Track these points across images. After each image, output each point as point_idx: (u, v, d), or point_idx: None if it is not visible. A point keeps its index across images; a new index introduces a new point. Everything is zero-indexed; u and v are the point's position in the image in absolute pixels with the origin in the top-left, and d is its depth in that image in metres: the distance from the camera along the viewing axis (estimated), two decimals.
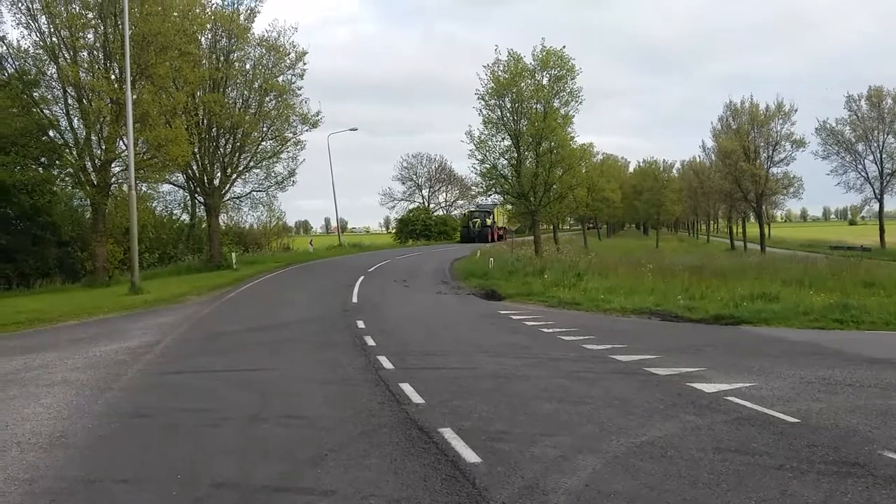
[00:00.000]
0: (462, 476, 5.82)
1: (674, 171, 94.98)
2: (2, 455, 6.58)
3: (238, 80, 35.03)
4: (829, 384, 9.07)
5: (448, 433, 6.97)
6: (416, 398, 8.45)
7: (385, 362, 10.74)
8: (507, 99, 34.42)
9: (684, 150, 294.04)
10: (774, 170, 59.99)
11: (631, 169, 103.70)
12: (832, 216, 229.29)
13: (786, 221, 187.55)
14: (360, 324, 15.09)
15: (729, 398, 8.31)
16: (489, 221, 69.42)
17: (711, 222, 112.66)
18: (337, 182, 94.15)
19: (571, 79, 34.13)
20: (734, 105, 61.45)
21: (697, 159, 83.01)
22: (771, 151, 58.70)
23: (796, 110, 57.47)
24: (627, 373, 9.99)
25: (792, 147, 57.78)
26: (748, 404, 8.00)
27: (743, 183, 58.77)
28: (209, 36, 33.94)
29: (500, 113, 34.73)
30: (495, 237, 67.67)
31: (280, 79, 35.45)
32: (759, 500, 5.22)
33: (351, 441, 6.86)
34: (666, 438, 6.79)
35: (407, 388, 8.94)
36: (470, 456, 6.29)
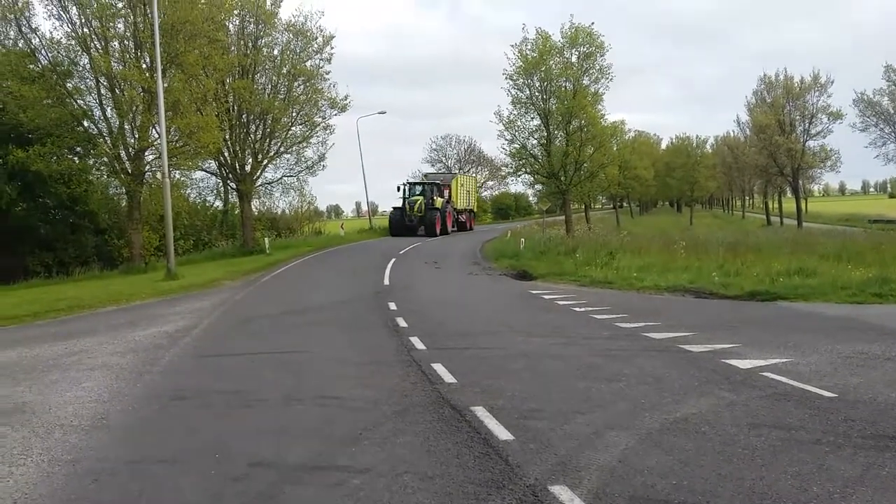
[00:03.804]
0: (495, 453, 5.85)
1: (707, 146, 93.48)
2: (46, 437, 6.75)
3: (266, 66, 35.20)
4: (867, 359, 8.93)
5: (480, 412, 6.99)
6: (449, 378, 8.48)
7: (417, 343, 10.79)
8: (535, 78, 34.24)
9: (720, 126, 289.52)
10: (811, 143, 58.70)
11: (664, 146, 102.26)
12: (871, 189, 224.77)
13: (823, 195, 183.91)
14: (392, 305, 15.16)
15: (764, 374, 8.22)
16: (439, 201, 47.37)
17: (747, 198, 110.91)
18: (367, 165, 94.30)
19: (601, 56, 33.94)
20: (768, 78, 60.08)
21: (732, 134, 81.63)
22: (807, 124, 57.34)
23: (833, 82, 55.98)
24: (661, 350, 9.93)
25: (829, 120, 56.34)
26: (784, 380, 7.92)
27: (778, 157, 57.59)
28: (237, 22, 34.13)
29: (528, 92, 34.60)
30: (449, 225, 48.09)
31: (308, 63, 35.58)
32: (794, 475, 5.17)
33: (385, 420, 6.92)
34: (700, 415, 6.75)
35: (439, 367, 8.97)
36: (502, 433, 6.31)
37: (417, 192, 47.47)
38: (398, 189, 48.32)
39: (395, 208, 48.81)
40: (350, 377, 9.01)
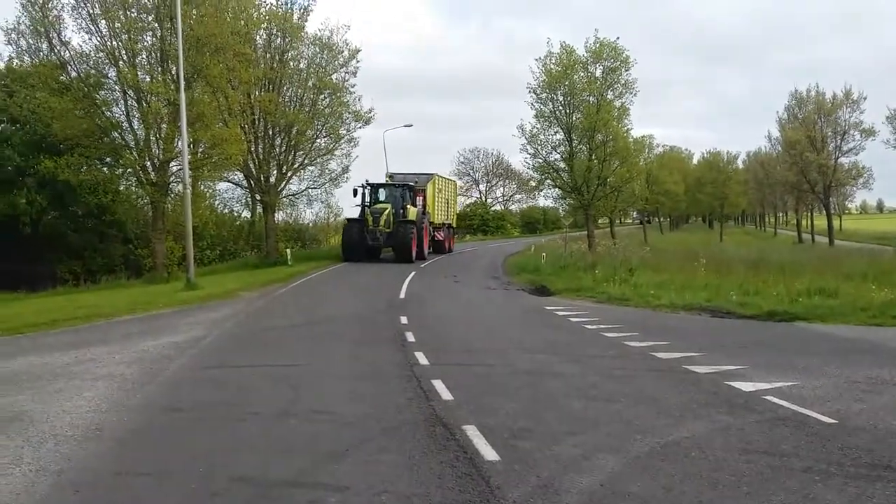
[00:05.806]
0: (478, 474, 5.77)
1: (738, 162, 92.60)
2: (38, 447, 6.80)
3: (293, 79, 35.54)
4: (874, 384, 8.71)
5: (471, 430, 6.91)
6: (446, 395, 8.41)
7: (421, 358, 10.73)
8: (559, 92, 34.11)
9: (752, 142, 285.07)
10: (843, 160, 57.89)
11: (695, 161, 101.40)
12: None
13: (861, 213, 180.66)
14: (404, 320, 15.12)
15: (766, 398, 8.05)
16: (412, 212, 33.94)
17: (779, 214, 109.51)
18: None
19: (626, 70, 33.80)
20: (800, 94, 59.50)
21: (763, 150, 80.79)
22: (839, 141, 56.62)
23: (865, 98, 55.29)
24: (665, 370, 9.78)
25: (861, 136, 55.55)
26: (785, 404, 7.74)
27: (809, 174, 56.86)
28: (264, 35, 34.52)
29: (552, 106, 34.47)
30: (425, 246, 34.84)
31: (333, 76, 35.91)
32: None
33: (373, 437, 6.87)
34: (693, 439, 6.61)
35: (438, 384, 8.90)
36: (489, 454, 6.23)
37: (383, 199, 33.72)
38: (354, 194, 34.05)
39: (350, 220, 35.13)
40: (348, 392, 8.99)
